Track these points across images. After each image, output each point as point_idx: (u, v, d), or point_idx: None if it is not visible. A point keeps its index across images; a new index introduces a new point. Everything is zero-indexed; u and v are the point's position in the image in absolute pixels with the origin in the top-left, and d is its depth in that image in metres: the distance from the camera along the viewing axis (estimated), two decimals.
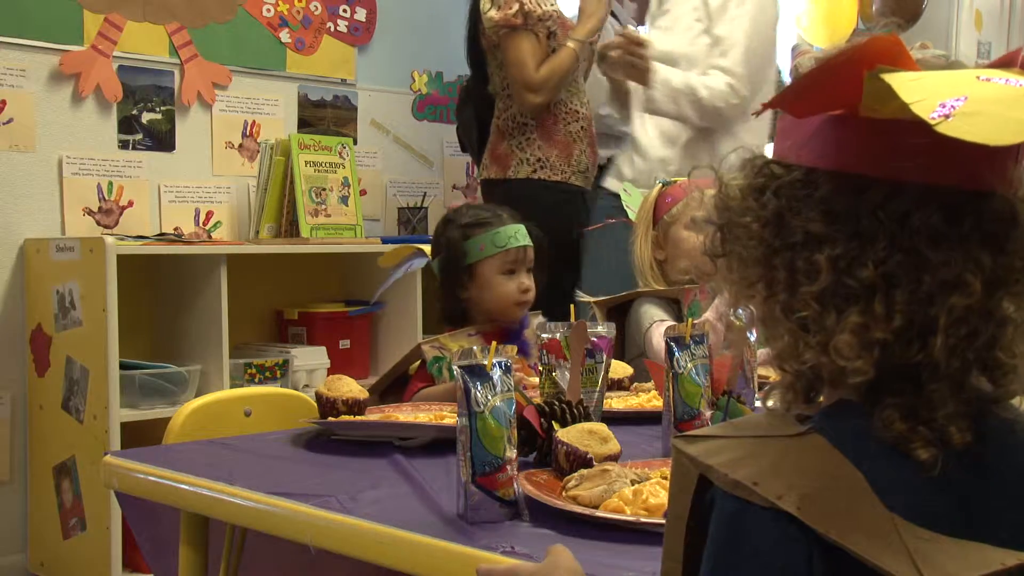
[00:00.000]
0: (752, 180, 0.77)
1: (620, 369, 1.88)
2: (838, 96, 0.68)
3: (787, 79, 3.45)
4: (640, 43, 2.83)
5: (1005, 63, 0.70)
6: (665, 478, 1.17)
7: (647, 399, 1.76)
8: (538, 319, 1.94)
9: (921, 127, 0.67)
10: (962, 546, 0.68)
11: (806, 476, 0.69)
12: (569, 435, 1.26)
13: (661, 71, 2.81)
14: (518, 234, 2.00)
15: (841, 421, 0.73)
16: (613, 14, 3.45)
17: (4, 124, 2.85)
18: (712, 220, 0.80)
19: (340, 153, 3.43)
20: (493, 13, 2.95)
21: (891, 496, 0.69)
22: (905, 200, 0.71)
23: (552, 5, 3.00)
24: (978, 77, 0.66)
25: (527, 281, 1.98)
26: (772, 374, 0.81)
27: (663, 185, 2.28)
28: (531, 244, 2.01)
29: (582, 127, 3.09)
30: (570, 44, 3.00)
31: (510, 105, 3.06)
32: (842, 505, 0.68)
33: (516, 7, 2.91)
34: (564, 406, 1.39)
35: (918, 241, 0.71)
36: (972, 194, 0.71)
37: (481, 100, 3.17)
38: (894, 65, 0.67)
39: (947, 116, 0.61)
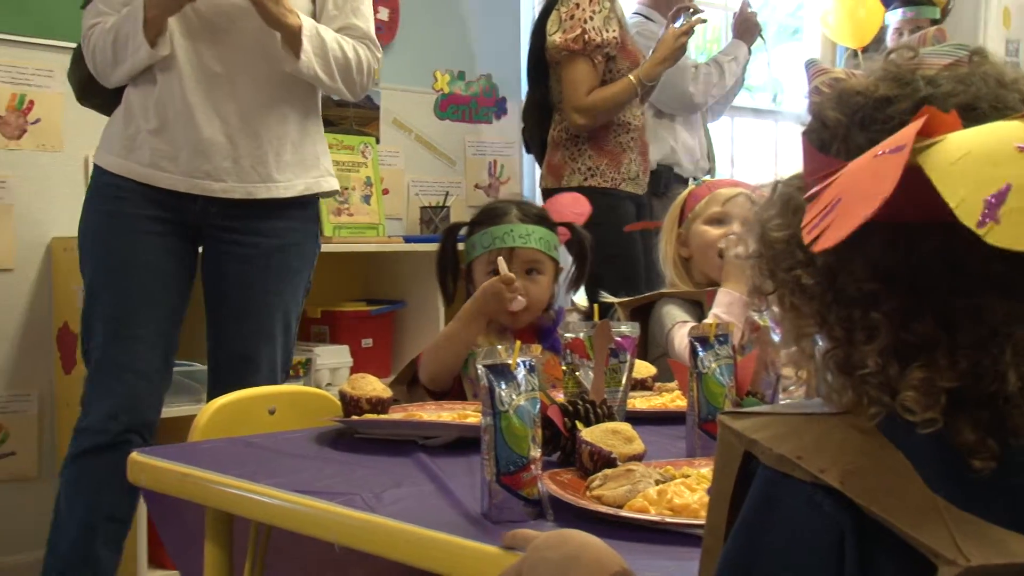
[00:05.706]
0: (797, 230, 0.72)
1: (644, 369, 1.88)
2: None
3: (807, 97, 3.53)
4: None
5: None
6: (688, 477, 1.17)
7: (671, 399, 1.76)
8: (572, 316, 1.92)
9: None
10: (1005, 534, 0.67)
11: (849, 454, 0.69)
12: (593, 435, 1.26)
13: None
14: (509, 235, 1.89)
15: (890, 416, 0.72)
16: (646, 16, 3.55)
17: (32, 124, 2.87)
18: (755, 256, 0.77)
19: (363, 152, 3.44)
20: (556, 37, 3.12)
21: (936, 484, 0.68)
22: (958, 246, 0.66)
23: (612, 32, 3.13)
24: (1017, 147, 0.61)
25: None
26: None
27: (696, 184, 2.38)
28: (531, 247, 1.89)
29: (632, 138, 3.25)
30: (631, 78, 3.15)
31: (564, 119, 3.21)
32: (886, 483, 0.68)
33: (578, 32, 3.07)
34: (588, 406, 1.38)
35: (977, 285, 0.68)
36: None
37: (543, 112, 3.32)
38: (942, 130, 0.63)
39: (995, 221, 0.57)
